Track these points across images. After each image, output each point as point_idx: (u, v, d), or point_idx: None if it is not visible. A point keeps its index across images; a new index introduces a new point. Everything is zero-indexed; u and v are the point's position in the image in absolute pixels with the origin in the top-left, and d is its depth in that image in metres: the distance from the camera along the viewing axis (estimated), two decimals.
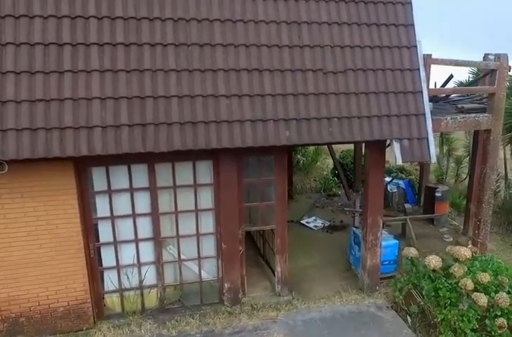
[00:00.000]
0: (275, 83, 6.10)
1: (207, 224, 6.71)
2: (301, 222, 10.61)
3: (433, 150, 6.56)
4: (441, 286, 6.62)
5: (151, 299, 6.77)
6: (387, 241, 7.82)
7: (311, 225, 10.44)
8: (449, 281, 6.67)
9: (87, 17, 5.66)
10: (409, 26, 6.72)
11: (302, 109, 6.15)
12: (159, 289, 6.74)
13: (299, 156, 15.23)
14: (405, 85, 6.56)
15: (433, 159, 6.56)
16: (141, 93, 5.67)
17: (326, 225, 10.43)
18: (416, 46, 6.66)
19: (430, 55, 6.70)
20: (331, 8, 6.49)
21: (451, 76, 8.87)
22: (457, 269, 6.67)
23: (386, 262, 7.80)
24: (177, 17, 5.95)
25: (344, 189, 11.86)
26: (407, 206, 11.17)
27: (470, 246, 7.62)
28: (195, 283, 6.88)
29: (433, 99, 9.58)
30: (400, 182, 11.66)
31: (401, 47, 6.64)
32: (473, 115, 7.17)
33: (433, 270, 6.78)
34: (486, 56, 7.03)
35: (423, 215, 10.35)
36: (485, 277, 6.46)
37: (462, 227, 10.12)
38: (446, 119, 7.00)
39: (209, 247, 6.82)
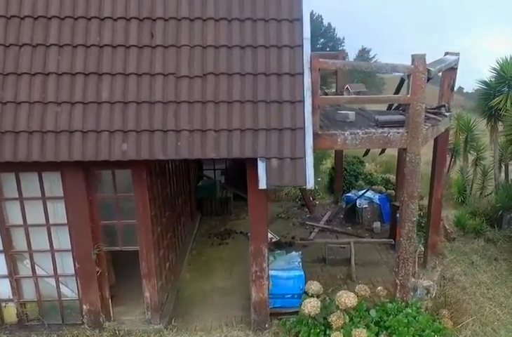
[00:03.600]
0: (115, 90, 5.33)
1: (65, 240, 6.16)
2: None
3: (311, 173, 5.39)
4: None
5: (10, 313, 6.42)
6: (290, 272, 6.74)
7: None
8: (328, 332, 5.56)
9: None
10: (296, 21, 5.55)
11: (145, 119, 5.32)
12: (16, 304, 6.36)
13: None
14: (281, 93, 5.44)
15: (309, 185, 5.39)
16: None
17: (273, 240, 9.41)
18: (301, 46, 5.50)
19: (318, 56, 5.47)
20: (195, 1, 5.53)
21: (402, 81, 7.42)
22: (335, 319, 5.53)
23: (289, 296, 6.72)
24: (10, 14, 5.38)
25: (304, 201, 10.75)
26: (376, 225, 9.75)
27: (379, 288, 6.30)
28: (57, 301, 6.41)
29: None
30: (376, 196, 10.21)
31: (281, 46, 5.51)
32: (381, 130, 5.79)
33: (311, 316, 5.69)
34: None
35: (368, 239, 8.93)
36: (360, 335, 5.25)
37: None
38: (343, 134, 5.71)
39: (69, 265, 6.27)
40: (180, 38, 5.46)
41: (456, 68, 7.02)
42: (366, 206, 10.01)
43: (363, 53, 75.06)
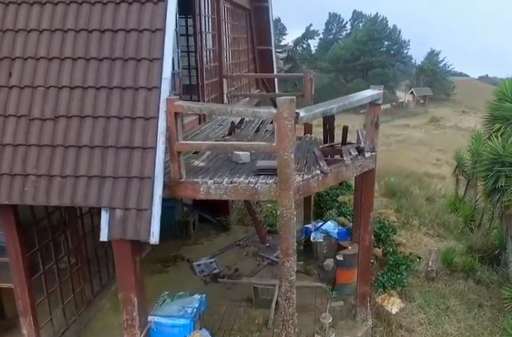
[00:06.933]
0: None
1: None
2: (194, 263, 9.35)
3: (157, 226, 5.00)
4: None
5: None
6: (176, 319, 6.35)
7: (199, 269, 9.13)
8: None
9: None
10: (156, 60, 5.16)
11: None
12: None
13: None
14: (132, 138, 5.08)
15: (154, 239, 4.99)
16: None
17: (214, 271, 9.01)
18: (159, 87, 5.10)
19: (175, 99, 5.00)
20: (54, 39, 5.30)
21: (345, 130, 6.74)
22: None
23: None
24: None
25: (256, 229, 10.19)
26: (328, 262, 8.98)
27: None
28: None
29: None
30: (335, 230, 9.42)
31: (138, 88, 5.15)
32: (248, 180, 5.21)
33: None
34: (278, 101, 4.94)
35: (299, 282, 8.14)
36: None
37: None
38: (206, 183, 5.21)
39: None
40: (36, 79, 5.27)
41: (380, 103, 6.23)
42: (321, 240, 9.27)
43: (432, 56, 71.51)
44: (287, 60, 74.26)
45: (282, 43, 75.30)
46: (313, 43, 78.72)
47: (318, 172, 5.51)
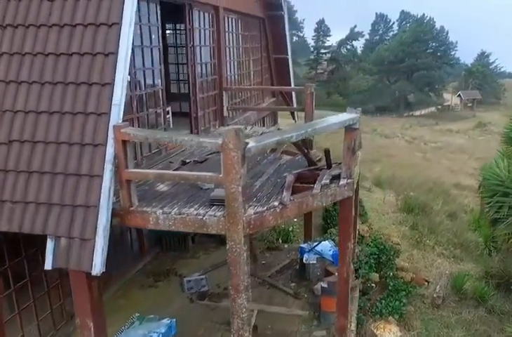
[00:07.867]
0: None
1: None
2: (185, 278, 9.19)
3: (100, 257, 4.85)
4: None
5: None
6: None
7: (188, 286, 8.95)
8: None
9: None
10: (107, 85, 5.02)
11: None
12: None
13: None
14: (80, 165, 4.97)
15: (96, 270, 4.86)
16: None
17: (202, 289, 8.82)
18: (108, 113, 4.96)
19: (122, 126, 4.83)
20: (13, 63, 5.30)
21: (327, 152, 6.39)
22: None
23: None
24: None
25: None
26: (318, 286, 8.57)
27: None
28: None
29: None
30: (330, 251, 9.00)
31: (89, 113, 5.03)
32: (196, 212, 4.95)
33: None
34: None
35: (279, 308, 7.77)
36: None
37: None
38: (155, 212, 5.01)
39: None
40: None
41: (357, 128, 5.83)
42: (314, 262, 8.89)
43: (482, 57, 68.25)
44: (331, 61, 73.14)
45: (326, 45, 74.26)
46: (359, 44, 77.26)
47: (276, 204, 5.19)
